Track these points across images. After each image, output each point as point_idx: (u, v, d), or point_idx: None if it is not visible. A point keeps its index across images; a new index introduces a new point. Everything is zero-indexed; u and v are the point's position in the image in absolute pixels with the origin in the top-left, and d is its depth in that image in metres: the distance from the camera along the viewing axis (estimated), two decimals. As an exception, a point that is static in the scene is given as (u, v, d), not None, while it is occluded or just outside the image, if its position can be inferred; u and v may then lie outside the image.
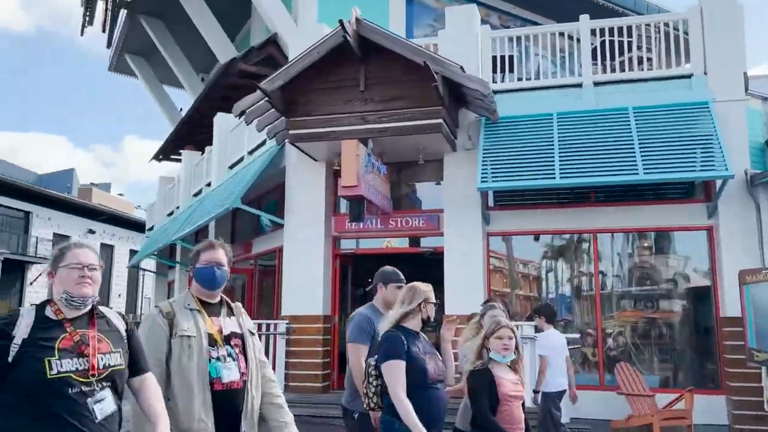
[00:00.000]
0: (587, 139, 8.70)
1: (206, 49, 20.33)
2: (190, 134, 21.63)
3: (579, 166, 8.38)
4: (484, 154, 8.88)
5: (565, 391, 6.18)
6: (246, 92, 16.49)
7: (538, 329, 6.56)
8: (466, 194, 9.22)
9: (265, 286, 12.60)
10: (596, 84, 9.36)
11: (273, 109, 9.15)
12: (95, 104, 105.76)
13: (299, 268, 10.07)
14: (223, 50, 18.60)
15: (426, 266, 8.53)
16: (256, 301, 12.74)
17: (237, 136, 13.79)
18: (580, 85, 9.40)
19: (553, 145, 8.68)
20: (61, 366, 2.21)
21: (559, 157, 8.49)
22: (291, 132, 9.14)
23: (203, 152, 18.25)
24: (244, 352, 2.85)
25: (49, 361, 2.19)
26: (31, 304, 2.48)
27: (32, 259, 35.88)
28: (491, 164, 8.77)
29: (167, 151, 24.15)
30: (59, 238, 39.34)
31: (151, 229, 24.28)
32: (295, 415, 3.06)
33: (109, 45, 24.32)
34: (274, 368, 10.05)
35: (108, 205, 44.07)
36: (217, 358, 2.70)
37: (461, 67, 8.24)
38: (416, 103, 8.54)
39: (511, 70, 9.79)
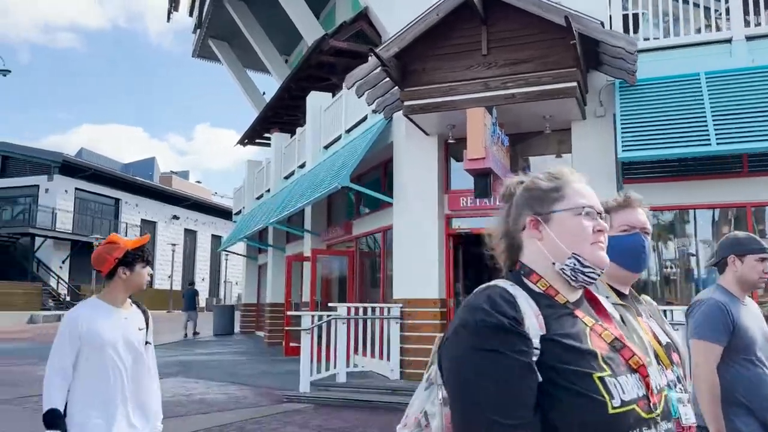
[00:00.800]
0: (742, 101, 7.67)
1: (289, 31, 20.05)
2: (277, 117, 21.50)
3: (735, 131, 7.39)
4: (622, 120, 8.00)
5: None
6: (333, 71, 16.15)
7: None
8: (598, 166, 8.36)
9: (368, 268, 12.16)
10: (749, 39, 8.27)
11: (386, 80, 8.56)
12: (168, 96, 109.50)
13: (412, 249, 9.52)
14: (309, 29, 18.21)
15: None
16: (358, 284, 12.33)
17: (333, 114, 13.36)
18: (729, 41, 8.33)
19: (704, 108, 7.70)
20: (622, 390, 1.19)
21: (713, 121, 7.51)
22: (406, 103, 8.53)
23: (292, 134, 18.02)
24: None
25: (602, 381, 1.18)
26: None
27: (122, 244, 37.19)
28: (631, 132, 7.88)
29: (253, 136, 24.20)
30: (146, 223, 40.68)
31: (238, 213, 24.45)
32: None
33: (195, 29, 24.49)
34: (387, 355, 9.70)
35: (189, 192, 45.14)
36: (668, 385, 1.38)
37: (601, 23, 7.39)
38: (547, 66, 7.75)
39: (639, 29, 8.82)
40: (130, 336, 2.90)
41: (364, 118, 11.47)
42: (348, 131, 12.53)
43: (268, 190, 18.95)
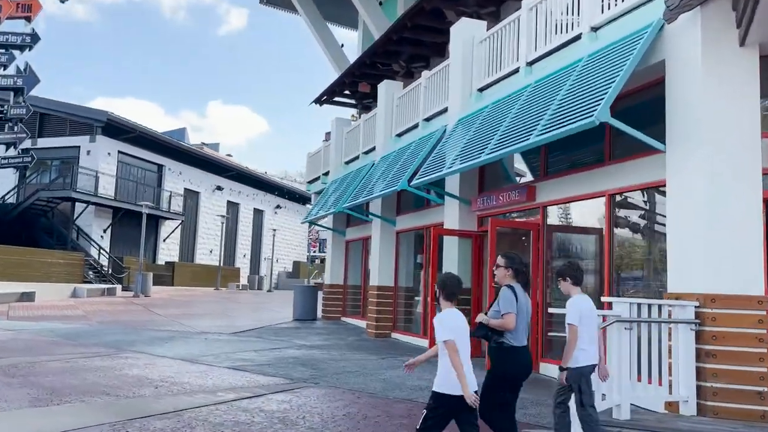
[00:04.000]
0: None
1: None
2: (371, 69, 18.31)
3: None
4: None
5: (596, 365, 4.83)
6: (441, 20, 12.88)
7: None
8: None
9: (580, 248, 8.97)
10: None
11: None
12: (180, 72, 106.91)
13: (707, 221, 6.31)
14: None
15: None
16: (543, 270, 9.17)
17: (496, 45, 10.14)
18: None
19: None
20: None
21: None
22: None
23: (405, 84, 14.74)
24: None
25: None
26: None
27: (165, 213, 34.38)
28: None
29: (333, 92, 21.05)
30: (190, 193, 37.84)
31: (313, 181, 21.36)
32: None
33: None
34: (668, 373, 6.02)
35: (233, 162, 42.13)
36: None
37: None
38: None
39: None
40: None
41: (572, 41, 8.26)
42: (530, 64, 9.32)
43: (370, 151, 15.80)
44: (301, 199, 51.97)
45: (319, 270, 50.51)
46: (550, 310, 6.97)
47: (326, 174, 19.73)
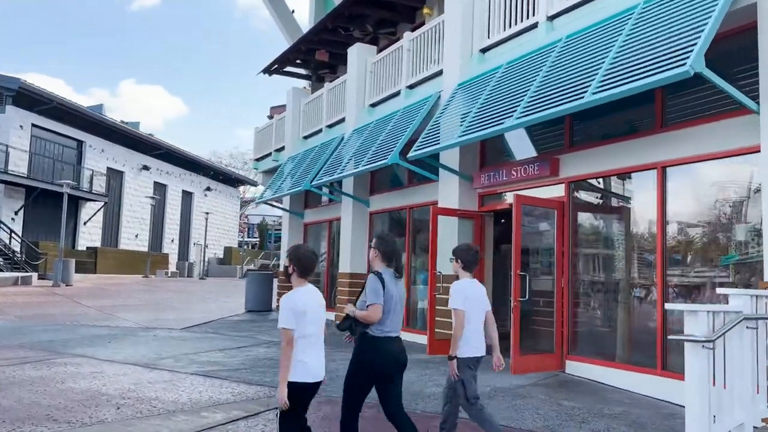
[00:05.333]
0: None
1: None
2: (323, 40, 16.66)
3: None
4: None
5: (483, 357, 4.60)
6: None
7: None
8: None
9: (615, 229, 7.81)
10: None
11: None
12: (89, 49, 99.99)
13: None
14: None
15: None
16: (569, 255, 8.01)
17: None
18: None
19: None
20: None
21: None
22: None
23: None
24: None
25: None
26: None
27: (87, 194, 31.31)
28: None
29: (285, 62, 19.21)
30: (113, 172, 34.78)
31: (262, 158, 19.50)
32: None
33: None
34: None
35: (160, 139, 39.13)
36: None
37: None
38: None
39: None
40: None
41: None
42: (552, 18, 8.08)
43: (337, 123, 14.23)
44: (231, 181, 49.35)
45: (251, 256, 48.22)
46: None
47: (279, 150, 17.96)
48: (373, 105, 12.93)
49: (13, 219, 27.60)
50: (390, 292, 4.11)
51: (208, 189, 45.12)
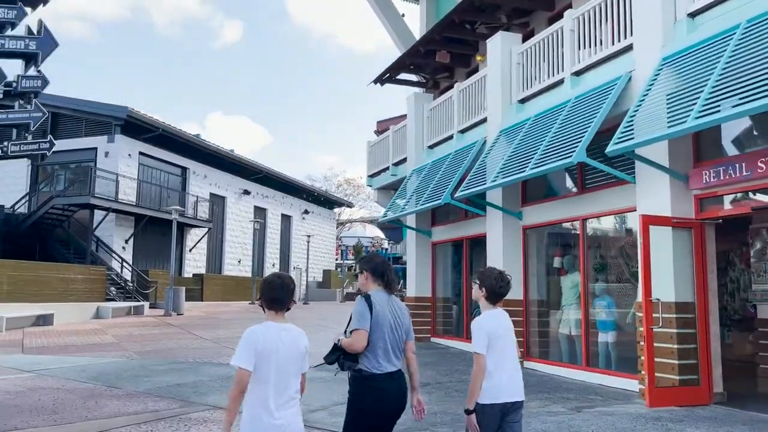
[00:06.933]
0: None
1: None
2: (445, 40, 15.05)
3: None
4: None
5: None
6: None
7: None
8: None
9: None
10: None
11: None
12: (177, 86, 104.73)
13: None
14: None
15: None
16: None
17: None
18: None
19: None
20: None
21: None
22: None
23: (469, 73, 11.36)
24: None
25: None
26: None
27: (191, 220, 31.09)
28: None
29: (403, 66, 17.72)
30: (215, 198, 34.61)
31: (375, 175, 18.00)
32: None
33: None
34: None
35: (259, 162, 38.80)
36: None
37: None
38: None
39: None
40: None
41: None
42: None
43: (475, 126, 12.47)
44: (327, 203, 48.69)
45: (350, 279, 47.15)
46: None
47: (398, 164, 16.39)
48: (522, 101, 11.08)
49: (123, 248, 27.57)
50: (382, 316, 3.63)
51: (306, 212, 44.54)
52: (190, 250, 32.29)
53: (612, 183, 8.98)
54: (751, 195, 7.12)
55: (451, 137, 13.60)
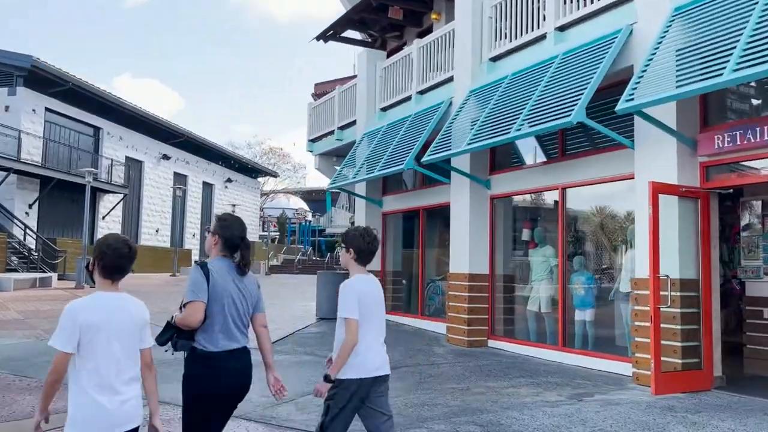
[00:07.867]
0: None
1: None
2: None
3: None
4: None
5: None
6: None
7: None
8: None
9: None
10: None
11: None
12: (82, 44, 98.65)
13: None
14: None
15: None
16: None
17: None
18: None
19: None
20: None
21: None
22: None
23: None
24: None
25: None
26: None
27: (106, 185, 28.55)
28: None
29: (350, 22, 16.41)
30: (132, 162, 32.05)
31: (317, 139, 16.71)
32: None
33: None
34: None
35: (181, 126, 36.32)
36: None
37: None
38: None
39: None
40: None
41: None
42: None
43: (437, 86, 11.47)
44: (252, 171, 46.63)
45: (274, 251, 45.53)
46: None
47: (345, 127, 15.19)
48: (494, 59, 10.17)
49: (27, 213, 24.89)
50: (222, 288, 3.23)
51: (229, 180, 42.42)
52: (104, 218, 29.77)
53: (601, 149, 8.26)
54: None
55: (408, 98, 12.54)
